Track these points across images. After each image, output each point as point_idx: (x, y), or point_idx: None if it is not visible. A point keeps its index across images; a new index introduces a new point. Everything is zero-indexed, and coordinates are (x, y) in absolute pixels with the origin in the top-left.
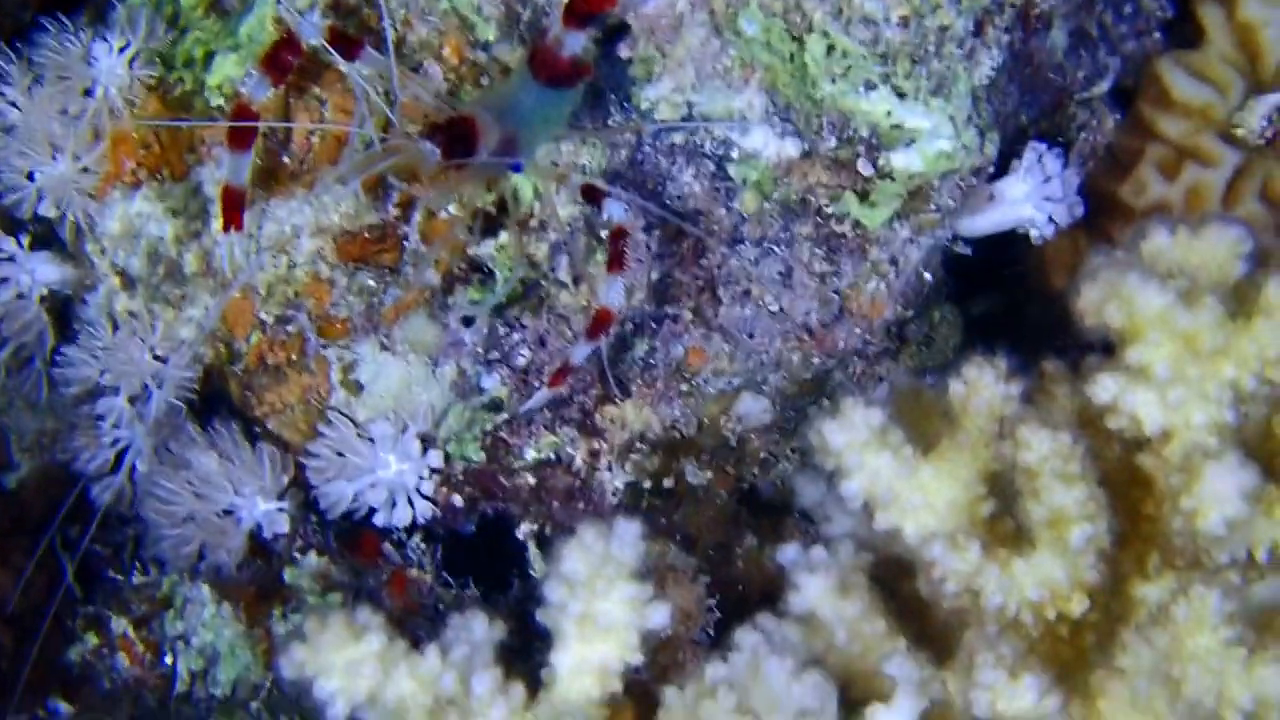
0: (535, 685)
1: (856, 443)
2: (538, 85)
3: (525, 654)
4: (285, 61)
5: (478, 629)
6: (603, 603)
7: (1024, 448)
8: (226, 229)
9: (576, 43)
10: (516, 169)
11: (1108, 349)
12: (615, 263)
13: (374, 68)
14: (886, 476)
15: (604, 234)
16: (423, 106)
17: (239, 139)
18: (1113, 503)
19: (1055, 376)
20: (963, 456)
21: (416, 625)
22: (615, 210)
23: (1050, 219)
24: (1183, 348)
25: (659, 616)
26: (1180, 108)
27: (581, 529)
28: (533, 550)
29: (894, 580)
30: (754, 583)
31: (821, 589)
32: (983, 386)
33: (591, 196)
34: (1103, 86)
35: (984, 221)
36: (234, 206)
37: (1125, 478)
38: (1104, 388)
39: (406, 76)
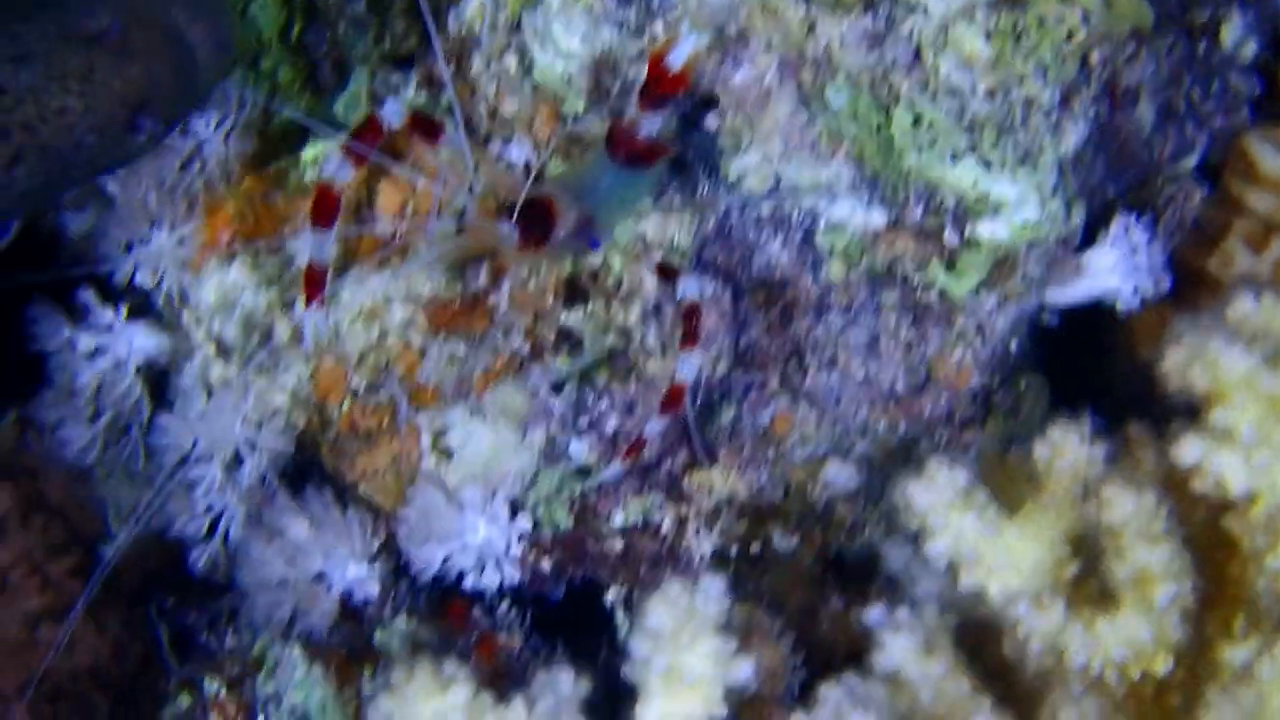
0: None
1: (942, 503)
2: (615, 166)
3: (613, 712)
4: (367, 143)
5: (564, 683)
6: (687, 656)
7: (1108, 507)
8: (308, 305)
9: (653, 124)
10: (594, 246)
11: (1193, 414)
12: (689, 339)
13: (454, 151)
14: (971, 537)
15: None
16: (502, 188)
17: (322, 216)
18: (1198, 564)
19: (1140, 440)
20: (1047, 517)
21: (505, 689)
22: (689, 288)
23: (1136, 290)
24: (1268, 410)
25: (744, 671)
26: (1268, 181)
27: (667, 584)
28: (620, 616)
29: (979, 644)
30: (839, 645)
31: (906, 648)
32: (1068, 448)
33: (666, 274)
34: (1190, 161)
35: (1071, 292)
36: (315, 285)
37: (1210, 540)
38: (1189, 450)
39: (485, 159)
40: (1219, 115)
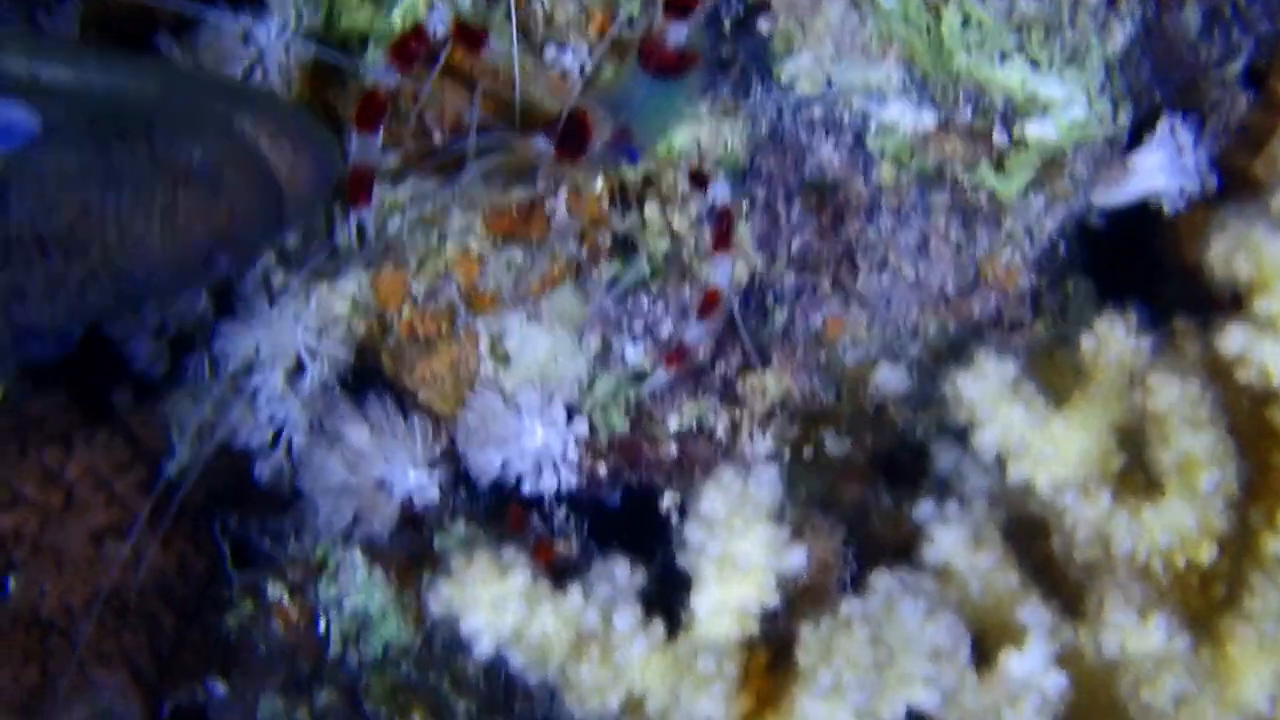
0: (676, 631)
1: (990, 394)
2: (648, 77)
3: (667, 613)
4: (412, 51)
5: (620, 573)
6: (741, 543)
7: (1153, 394)
8: (354, 204)
9: (680, 33)
10: (633, 158)
11: (1238, 308)
12: (721, 242)
13: (498, 60)
14: (1019, 428)
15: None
16: (542, 99)
17: (366, 120)
18: (1243, 456)
19: (1186, 332)
20: (1094, 409)
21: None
22: (720, 192)
23: (1183, 191)
24: None
25: (796, 559)
26: None
27: (720, 470)
28: (676, 521)
29: (1028, 542)
30: (890, 543)
31: (956, 541)
32: (1114, 340)
33: (697, 180)
34: (1236, 66)
35: (1118, 193)
36: (361, 185)
37: (1257, 432)
38: (1233, 339)
39: (526, 71)
40: (1264, 20)
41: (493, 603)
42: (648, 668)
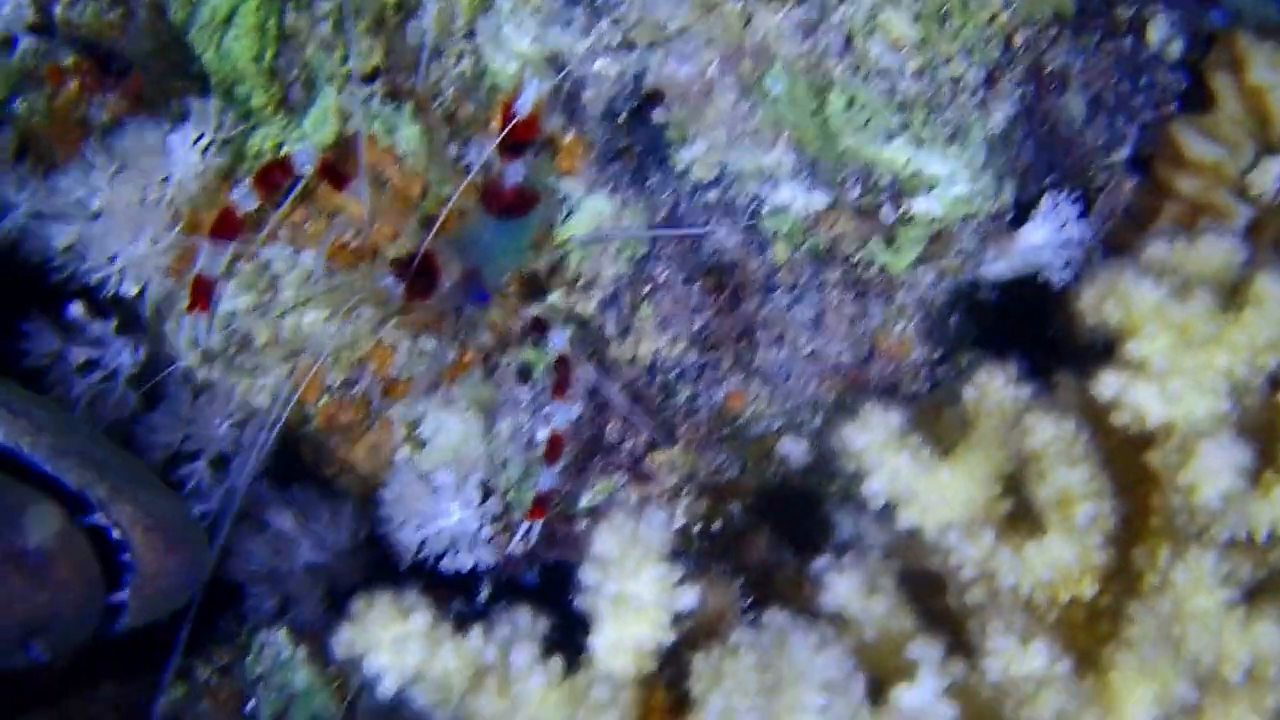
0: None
1: (876, 444)
2: (492, 219)
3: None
4: (275, 181)
5: (521, 619)
6: (633, 583)
7: (1029, 434)
8: (191, 309)
9: (517, 173)
10: (482, 300)
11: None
12: (559, 390)
13: (359, 199)
14: (906, 475)
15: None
16: (392, 241)
17: (219, 233)
18: (1125, 500)
19: (1064, 383)
20: (977, 456)
21: None
22: (558, 340)
23: (1068, 264)
24: (1178, 339)
25: (689, 598)
26: (1194, 166)
27: (612, 512)
28: None
29: (925, 596)
30: (793, 601)
31: (850, 588)
32: (994, 389)
33: (538, 327)
34: (1122, 153)
35: (1004, 266)
36: (202, 293)
37: (1136, 477)
38: (1106, 384)
39: (380, 213)
40: (1148, 109)
41: (394, 643)
42: (545, 701)
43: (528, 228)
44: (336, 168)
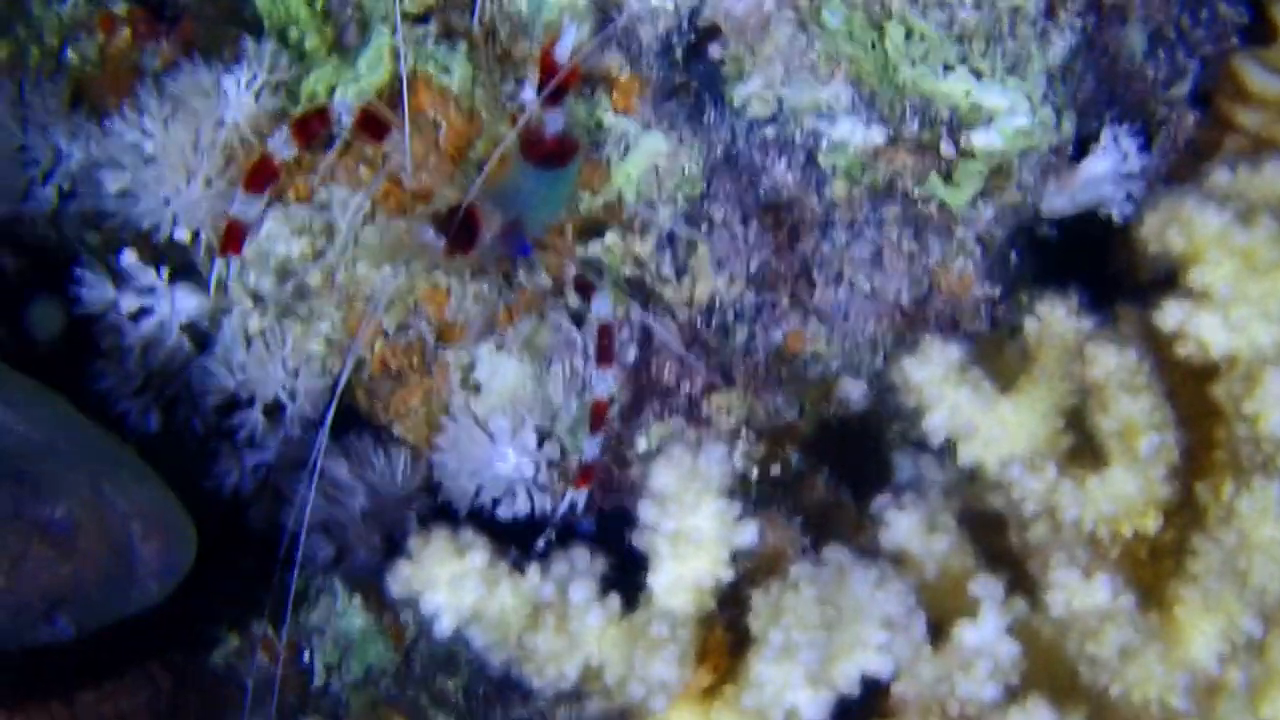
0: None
1: (936, 377)
2: (532, 168)
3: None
4: (313, 129)
5: (579, 558)
6: (692, 518)
7: (1091, 364)
8: (223, 253)
9: (557, 121)
10: (524, 253)
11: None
12: (603, 358)
13: (396, 149)
14: (967, 410)
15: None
16: (435, 194)
17: (253, 183)
18: (1188, 435)
19: (1127, 314)
20: (1040, 389)
21: None
22: (601, 307)
23: (1130, 197)
24: (1242, 265)
25: (749, 533)
26: (1256, 99)
27: (669, 446)
28: None
29: (986, 536)
30: (852, 542)
31: (911, 525)
32: (1055, 321)
33: (583, 290)
34: (1183, 88)
35: (1065, 200)
36: (234, 238)
37: (1200, 410)
38: (1170, 314)
39: (421, 164)
40: (1209, 43)
41: (451, 581)
42: (604, 638)
43: (567, 177)
44: (376, 117)
